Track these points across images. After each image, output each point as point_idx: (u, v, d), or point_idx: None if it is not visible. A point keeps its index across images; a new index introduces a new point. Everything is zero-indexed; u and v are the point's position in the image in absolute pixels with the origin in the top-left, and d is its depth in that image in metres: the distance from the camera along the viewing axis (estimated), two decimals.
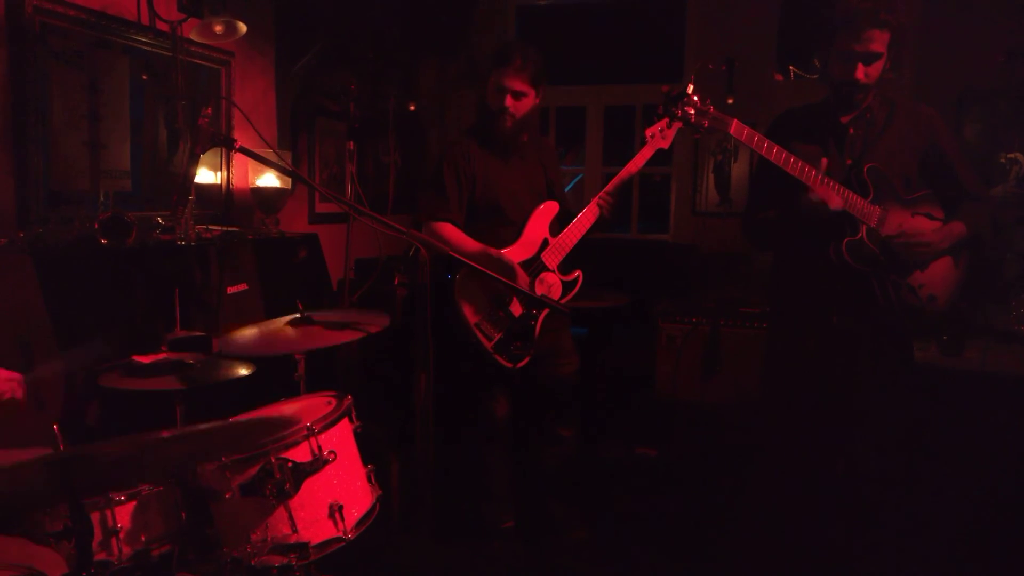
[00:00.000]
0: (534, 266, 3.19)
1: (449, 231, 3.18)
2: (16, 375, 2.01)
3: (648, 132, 3.14)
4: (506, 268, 3.06)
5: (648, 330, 4.55)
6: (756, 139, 2.70)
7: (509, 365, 3.16)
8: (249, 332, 2.77)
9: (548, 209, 3.29)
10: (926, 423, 3.19)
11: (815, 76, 5.22)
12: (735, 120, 2.72)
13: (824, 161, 2.71)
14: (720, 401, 4.29)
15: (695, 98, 2.73)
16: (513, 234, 3.23)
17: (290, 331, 2.77)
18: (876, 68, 2.71)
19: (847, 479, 2.95)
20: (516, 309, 3.15)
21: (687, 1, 5.73)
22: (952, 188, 2.87)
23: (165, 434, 1.75)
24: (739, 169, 5.61)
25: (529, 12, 6.28)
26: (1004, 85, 4.42)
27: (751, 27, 5.42)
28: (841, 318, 2.83)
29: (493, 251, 3.11)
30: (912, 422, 2.97)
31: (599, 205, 3.21)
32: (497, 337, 3.12)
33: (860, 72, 2.69)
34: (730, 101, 5.11)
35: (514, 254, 3.16)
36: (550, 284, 3.22)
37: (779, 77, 5.44)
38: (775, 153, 2.68)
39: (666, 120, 3.09)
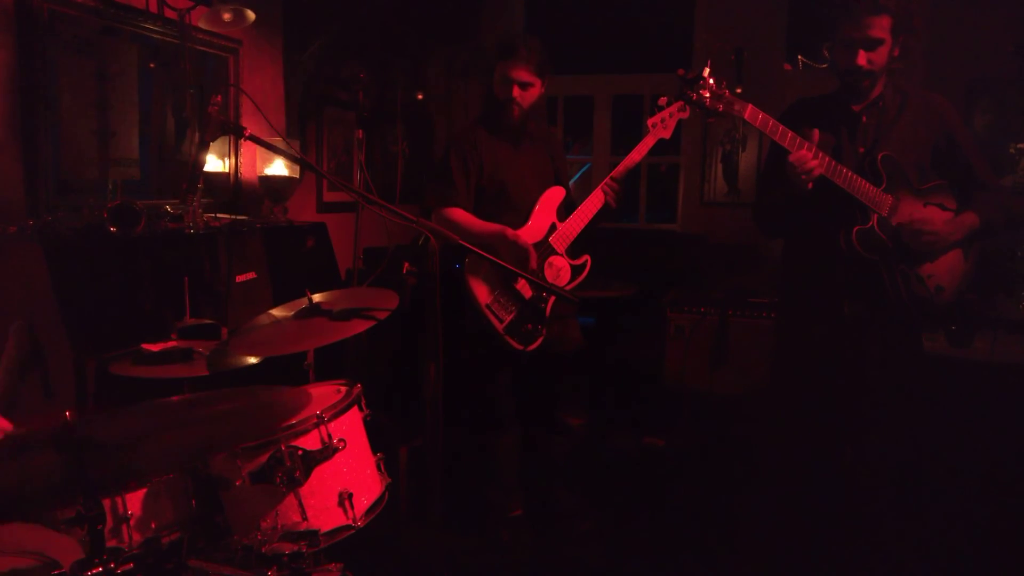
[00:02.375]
0: (542, 250, 3.18)
1: (460, 215, 3.18)
2: (6, 424, 1.97)
3: (650, 122, 3.14)
4: (520, 250, 3.06)
5: (656, 320, 4.55)
6: (771, 125, 2.68)
7: (520, 347, 3.14)
8: (258, 331, 2.66)
9: (555, 194, 3.29)
10: (934, 413, 3.18)
11: (824, 65, 5.21)
12: (750, 105, 2.70)
13: (816, 132, 2.69)
14: (728, 391, 4.29)
15: (711, 81, 2.71)
16: (520, 219, 3.22)
17: (299, 325, 2.69)
18: (880, 54, 2.69)
19: (854, 469, 2.94)
20: (526, 291, 3.15)
21: None
22: (964, 178, 2.85)
23: (176, 399, 1.74)
24: (748, 159, 5.59)
25: (537, 1, 6.25)
26: (1013, 75, 4.39)
27: (760, 17, 5.40)
28: (851, 307, 2.82)
29: (510, 231, 3.10)
30: (920, 412, 2.96)
31: (604, 192, 3.20)
32: (508, 319, 3.11)
33: (862, 58, 2.68)
34: (739, 91, 5.08)
35: (524, 236, 3.15)
36: (559, 268, 3.21)
37: (788, 67, 5.42)
38: (789, 139, 2.67)
39: (668, 112, 3.10)
